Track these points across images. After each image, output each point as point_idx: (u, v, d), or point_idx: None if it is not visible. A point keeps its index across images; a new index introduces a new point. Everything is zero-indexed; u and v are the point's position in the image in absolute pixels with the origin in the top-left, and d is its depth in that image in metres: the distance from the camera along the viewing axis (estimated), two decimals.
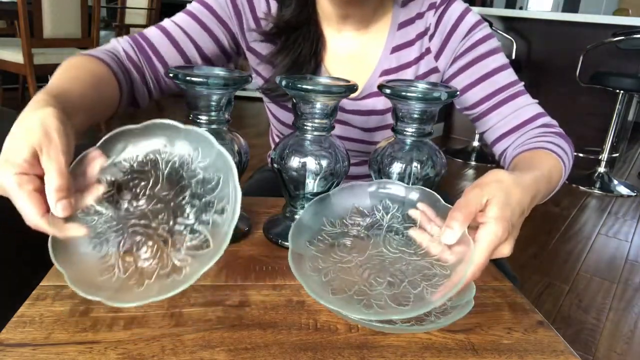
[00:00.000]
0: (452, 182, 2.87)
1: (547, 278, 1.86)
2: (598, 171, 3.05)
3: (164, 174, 0.49)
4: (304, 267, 0.48)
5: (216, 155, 0.46)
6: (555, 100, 3.36)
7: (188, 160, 0.49)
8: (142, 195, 0.49)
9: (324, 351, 0.42)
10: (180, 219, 0.47)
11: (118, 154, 0.49)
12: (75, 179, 0.45)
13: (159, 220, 0.47)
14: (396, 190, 0.57)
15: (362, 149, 0.83)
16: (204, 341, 0.42)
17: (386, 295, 0.46)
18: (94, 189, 0.47)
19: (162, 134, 0.49)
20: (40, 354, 0.39)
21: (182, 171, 0.48)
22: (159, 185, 0.49)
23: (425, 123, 0.60)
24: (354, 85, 0.56)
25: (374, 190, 0.58)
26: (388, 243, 0.54)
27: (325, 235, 0.54)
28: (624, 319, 1.63)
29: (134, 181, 0.49)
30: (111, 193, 0.48)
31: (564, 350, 0.45)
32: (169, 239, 0.46)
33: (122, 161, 0.49)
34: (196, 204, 0.47)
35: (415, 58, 0.78)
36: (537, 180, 0.54)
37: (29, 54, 2.57)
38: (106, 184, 0.48)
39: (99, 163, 0.47)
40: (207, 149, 0.47)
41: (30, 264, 1.00)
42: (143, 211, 0.48)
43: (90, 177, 0.47)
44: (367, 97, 0.79)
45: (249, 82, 0.57)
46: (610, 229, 2.40)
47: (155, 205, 0.48)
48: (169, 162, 0.49)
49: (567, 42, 3.35)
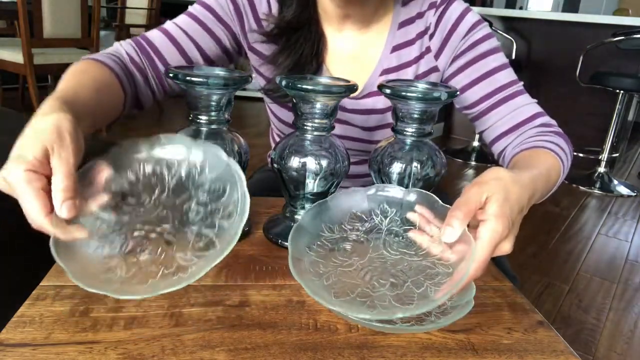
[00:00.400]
0: (452, 182, 2.87)
1: (547, 278, 1.86)
2: (598, 171, 3.05)
3: (170, 185, 0.49)
4: (305, 272, 0.48)
5: (225, 166, 0.47)
6: (555, 100, 3.36)
7: (195, 171, 0.49)
8: (147, 202, 0.49)
9: (324, 351, 0.42)
10: (187, 224, 0.47)
11: (126, 167, 0.50)
12: (80, 188, 0.46)
13: (163, 226, 0.47)
14: (394, 193, 0.57)
15: (362, 148, 0.83)
16: (204, 341, 0.42)
17: (390, 296, 0.46)
18: (99, 197, 0.47)
19: (170, 146, 0.50)
20: (40, 354, 0.39)
21: (189, 181, 0.49)
22: (164, 194, 0.49)
23: (425, 123, 0.60)
24: (354, 85, 0.56)
25: (371, 194, 0.57)
26: (388, 245, 0.54)
27: (325, 241, 0.54)
28: (624, 319, 1.63)
29: (140, 191, 0.49)
30: (116, 201, 0.48)
31: (564, 350, 0.45)
32: (173, 242, 0.46)
33: (128, 173, 0.49)
34: (201, 211, 0.47)
35: (416, 57, 0.78)
36: (536, 179, 0.54)
37: (29, 54, 2.57)
38: (111, 193, 0.48)
39: (105, 175, 0.48)
40: (215, 161, 0.48)
41: (30, 263, 1.00)
42: (148, 217, 0.48)
43: (95, 187, 0.47)
44: (367, 96, 0.79)
45: (249, 82, 0.57)
46: (610, 229, 2.40)
47: (160, 211, 0.48)
48: (176, 174, 0.49)
49: (567, 42, 3.35)
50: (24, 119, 1.34)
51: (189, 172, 0.50)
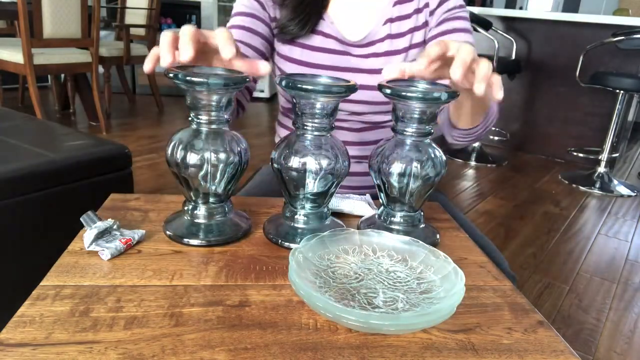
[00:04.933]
0: (452, 182, 2.87)
1: (547, 278, 1.86)
2: (598, 171, 3.05)
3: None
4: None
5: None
6: (555, 100, 3.37)
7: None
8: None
9: (324, 351, 0.42)
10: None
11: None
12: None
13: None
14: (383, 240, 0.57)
15: (364, 110, 0.87)
16: (204, 341, 0.42)
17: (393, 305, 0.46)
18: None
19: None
20: (40, 354, 0.39)
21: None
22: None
23: (425, 123, 0.60)
24: (354, 85, 0.57)
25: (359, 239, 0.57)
26: (382, 278, 0.53)
27: (318, 270, 0.53)
28: (624, 319, 1.63)
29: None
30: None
31: (564, 350, 0.45)
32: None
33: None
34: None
35: (415, 10, 0.86)
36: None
37: (29, 54, 2.57)
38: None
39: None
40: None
41: (30, 264, 1.01)
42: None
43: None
44: (370, 44, 0.86)
45: (249, 82, 0.57)
46: (610, 229, 2.40)
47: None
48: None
49: (567, 42, 3.35)
50: (24, 119, 1.34)
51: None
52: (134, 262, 0.54)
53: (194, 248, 0.58)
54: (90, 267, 0.52)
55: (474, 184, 2.89)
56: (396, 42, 0.85)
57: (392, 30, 0.85)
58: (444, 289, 0.49)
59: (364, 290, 0.50)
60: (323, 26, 0.85)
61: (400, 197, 0.63)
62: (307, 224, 0.62)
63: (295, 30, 0.83)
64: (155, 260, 0.55)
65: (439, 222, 0.73)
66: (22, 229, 1.03)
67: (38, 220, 1.04)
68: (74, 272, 0.51)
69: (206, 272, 0.54)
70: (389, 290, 0.50)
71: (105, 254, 0.54)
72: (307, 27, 0.83)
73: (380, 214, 0.66)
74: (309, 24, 0.83)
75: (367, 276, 0.52)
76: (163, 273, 0.53)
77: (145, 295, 0.48)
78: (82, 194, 1.13)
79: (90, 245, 0.55)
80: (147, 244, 0.59)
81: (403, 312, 0.46)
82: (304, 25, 0.83)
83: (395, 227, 0.64)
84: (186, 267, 0.54)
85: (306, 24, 0.83)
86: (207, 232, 0.60)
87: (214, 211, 0.61)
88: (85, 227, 0.57)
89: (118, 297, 0.48)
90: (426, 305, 0.47)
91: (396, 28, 0.85)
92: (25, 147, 1.15)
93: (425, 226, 0.67)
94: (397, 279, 0.52)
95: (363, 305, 0.47)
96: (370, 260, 0.55)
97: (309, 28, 0.83)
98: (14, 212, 1.00)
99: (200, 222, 0.60)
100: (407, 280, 0.52)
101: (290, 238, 0.61)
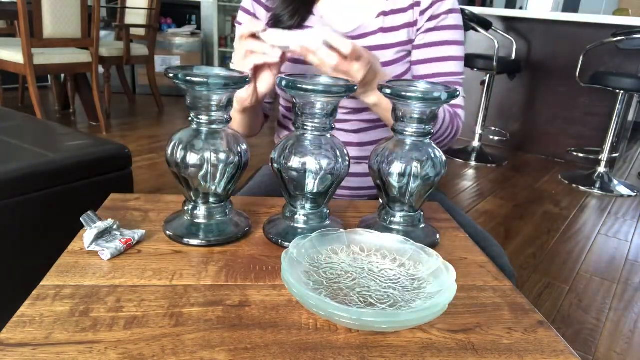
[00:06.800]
0: (452, 182, 2.87)
1: (547, 278, 1.86)
2: (598, 171, 3.05)
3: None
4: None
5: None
6: (555, 100, 3.36)
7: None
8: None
9: (324, 351, 0.42)
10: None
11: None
12: None
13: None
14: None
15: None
16: (204, 341, 0.42)
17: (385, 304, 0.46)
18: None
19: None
20: (40, 354, 0.39)
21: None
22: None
23: (425, 123, 0.60)
24: (353, 85, 0.57)
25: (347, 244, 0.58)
26: (374, 276, 0.53)
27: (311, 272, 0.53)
28: (624, 319, 1.63)
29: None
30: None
31: (564, 350, 0.45)
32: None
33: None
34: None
35: (410, 5, 0.84)
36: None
37: (29, 54, 2.57)
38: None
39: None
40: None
41: (30, 264, 1.00)
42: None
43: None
44: (361, 36, 0.85)
45: (248, 82, 0.57)
46: (610, 229, 2.40)
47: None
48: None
49: (567, 42, 3.35)
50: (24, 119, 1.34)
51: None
52: (134, 262, 0.54)
53: (194, 248, 0.58)
54: (90, 267, 0.52)
55: (474, 184, 2.89)
56: (389, 35, 0.84)
57: (385, 24, 0.84)
58: (435, 285, 0.49)
59: (358, 288, 0.50)
60: (312, 21, 0.86)
61: (400, 197, 0.63)
62: (307, 224, 0.62)
63: (286, 19, 0.84)
64: (155, 260, 0.55)
65: (439, 222, 0.73)
66: (22, 229, 1.03)
67: (38, 220, 1.04)
68: (74, 272, 0.51)
69: (206, 272, 0.54)
70: (382, 288, 0.50)
71: (105, 254, 0.54)
72: (296, 17, 0.84)
73: (380, 213, 0.66)
74: (297, 13, 0.85)
75: (360, 275, 0.53)
76: (163, 273, 0.53)
77: (145, 295, 0.48)
78: (82, 194, 1.13)
79: (90, 245, 0.55)
80: (147, 244, 0.59)
81: (398, 309, 0.46)
82: (292, 15, 0.84)
83: (395, 227, 0.64)
84: (186, 267, 0.54)
85: (295, 14, 0.84)
86: (207, 232, 0.60)
87: (214, 211, 0.61)
88: (85, 227, 0.57)
89: (118, 297, 0.48)
90: (421, 302, 0.47)
91: (390, 21, 0.84)
92: (25, 147, 1.15)
93: (425, 226, 0.67)
94: (389, 277, 0.53)
95: (357, 303, 0.47)
96: (361, 260, 0.56)
97: (298, 18, 0.84)
98: (14, 212, 1.00)
99: (200, 222, 0.60)
100: (399, 278, 0.52)
101: (290, 238, 0.61)
